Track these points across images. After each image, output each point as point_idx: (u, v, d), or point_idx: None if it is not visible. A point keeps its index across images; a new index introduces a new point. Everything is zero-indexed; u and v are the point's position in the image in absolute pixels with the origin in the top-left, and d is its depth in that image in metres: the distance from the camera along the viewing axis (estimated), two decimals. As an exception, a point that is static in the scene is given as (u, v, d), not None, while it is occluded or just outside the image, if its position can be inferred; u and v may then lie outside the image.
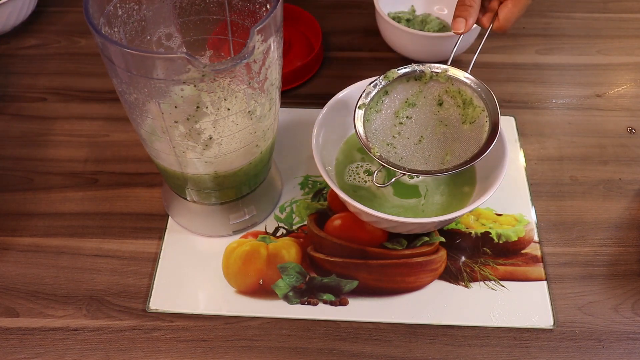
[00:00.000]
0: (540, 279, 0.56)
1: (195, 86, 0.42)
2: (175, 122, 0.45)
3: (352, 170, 0.60)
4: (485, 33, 0.57)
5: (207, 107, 0.45)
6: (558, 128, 0.69)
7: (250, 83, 0.45)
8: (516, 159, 0.65)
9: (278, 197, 0.61)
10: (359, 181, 0.59)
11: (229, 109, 0.46)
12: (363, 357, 0.51)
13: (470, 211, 0.54)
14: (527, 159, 0.65)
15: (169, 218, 0.60)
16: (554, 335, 0.52)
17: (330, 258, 0.57)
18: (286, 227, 0.59)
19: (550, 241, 0.59)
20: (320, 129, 0.57)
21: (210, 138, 0.46)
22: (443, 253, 0.57)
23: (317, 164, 0.54)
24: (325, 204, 0.61)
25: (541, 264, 0.57)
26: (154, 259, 0.57)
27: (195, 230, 0.59)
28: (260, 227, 0.59)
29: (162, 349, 0.52)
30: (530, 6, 0.56)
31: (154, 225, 0.60)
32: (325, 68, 0.75)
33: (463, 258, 0.57)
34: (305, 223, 0.60)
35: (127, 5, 0.46)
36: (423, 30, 0.73)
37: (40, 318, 0.53)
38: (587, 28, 0.80)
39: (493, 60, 0.59)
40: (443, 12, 0.78)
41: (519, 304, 0.54)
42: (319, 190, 0.62)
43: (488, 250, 0.58)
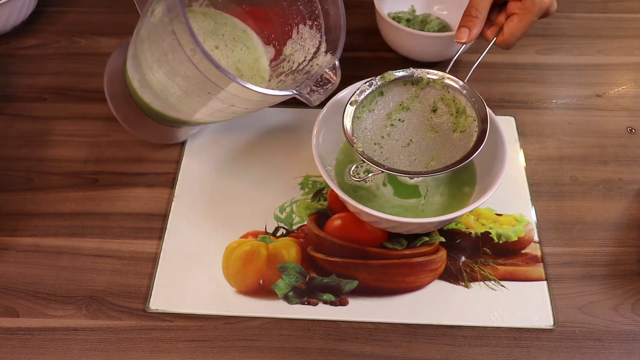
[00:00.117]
0: (540, 279, 0.56)
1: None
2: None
3: (352, 170, 0.60)
4: (487, 45, 0.58)
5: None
6: (558, 128, 0.69)
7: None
8: (516, 159, 0.65)
9: None
10: (359, 180, 0.59)
11: None
12: (363, 357, 0.51)
13: (470, 211, 0.54)
14: (527, 159, 0.65)
15: (169, 218, 0.60)
16: (554, 335, 0.52)
17: (330, 258, 0.57)
18: (286, 227, 0.59)
19: (550, 241, 0.59)
20: (320, 129, 0.57)
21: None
22: (443, 253, 0.57)
23: (317, 164, 0.54)
24: (325, 204, 0.61)
25: (541, 264, 0.57)
26: (154, 259, 0.57)
27: (150, 139, 0.64)
28: (260, 227, 0.59)
29: (162, 349, 0.52)
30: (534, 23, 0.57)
31: (154, 225, 0.60)
32: (325, 68, 0.75)
33: (463, 258, 0.57)
34: (305, 223, 0.60)
35: None
36: (423, 30, 0.73)
37: (40, 318, 0.53)
38: (587, 28, 0.80)
39: (493, 60, 0.59)
40: (443, 12, 0.78)
41: (519, 304, 0.54)
42: (319, 190, 0.62)
43: (488, 250, 0.58)
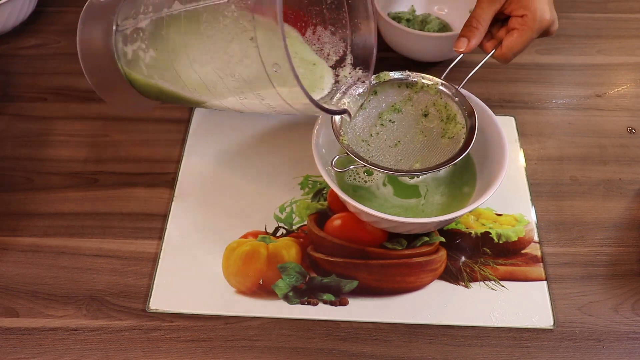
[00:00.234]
0: (540, 279, 0.56)
1: None
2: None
3: (352, 170, 0.60)
4: (485, 57, 0.59)
5: None
6: (558, 128, 0.69)
7: None
8: (516, 159, 0.65)
9: None
10: (359, 181, 0.59)
11: None
12: (363, 357, 0.51)
13: (470, 211, 0.54)
14: (527, 159, 0.65)
15: (169, 218, 0.60)
16: (554, 335, 0.52)
17: (330, 258, 0.57)
18: (286, 227, 0.59)
19: (550, 241, 0.59)
20: (320, 129, 0.57)
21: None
22: (443, 253, 0.57)
23: (317, 164, 0.54)
24: (325, 204, 0.61)
25: (541, 264, 0.57)
26: (154, 259, 0.57)
27: (122, 110, 0.63)
28: (260, 227, 0.59)
29: (162, 349, 0.52)
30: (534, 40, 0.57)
31: (154, 225, 0.60)
32: (325, 68, 0.75)
33: (463, 258, 0.57)
34: (305, 223, 0.60)
35: None
36: (423, 30, 0.73)
37: (40, 318, 0.53)
38: (587, 28, 0.80)
39: (493, 60, 0.59)
40: (443, 12, 0.78)
41: (519, 304, 0.54)
42: (319, 190, 0.62)
43: (488, 250, 0.58)
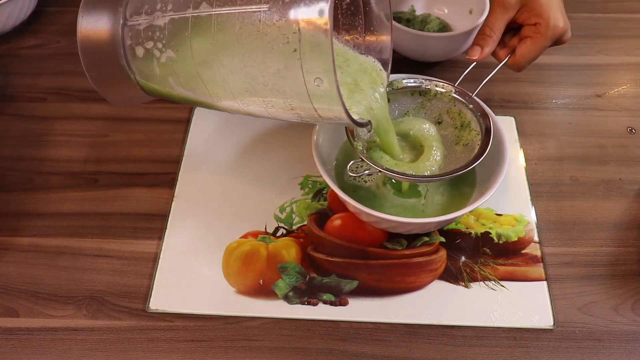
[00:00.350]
0: (540, 279, 0.56)
1: None
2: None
3: (352, 170, 0.60)
4: (498, 65, 0.59)
5: None
6: (558, 128, 0.69)
7: None
8: (516, 159, 0.65)
9: None
10: (359, 181, 0.59)
11: None
12: (363, 357, 0.51)
13: (470, 211, 0.54)
14: (527, 159, 0.65)
15: (169, 218, 0.60)
16: (554, 335, 0.52)
17: (330, 258, 0.57)
18: (286, 227, 0.59)
19: (550, 241, 0.59)
20: (320, 129, 0.57)
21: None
22: (443, 253, 0.57)
23: (317, 164, 0.54)
24: (325, 204, 0.61)
25: (541, 264, 0.57)
26: (154, 259, 0.57)
27: (118, 102, 0.59)
28: (260, 227, 0.59)
29: (162, 349, 0.52)
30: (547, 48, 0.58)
31: (154, 225, 0.60)
32: (325, 68, 0.75)
33: (463, 258, 0.57)
34: (305, 223, 0.60)
35: None
36: (423, 30, 0.73)
37: (40, 318, 0.53)
38: (587, 28, 0.80)
39: (493, 60, 0.60)
40: (443, 12, 0.78)
41: (519, 304, 0.54)
42: (319, 190, 0.62)
43: (488, 250, 0.58)
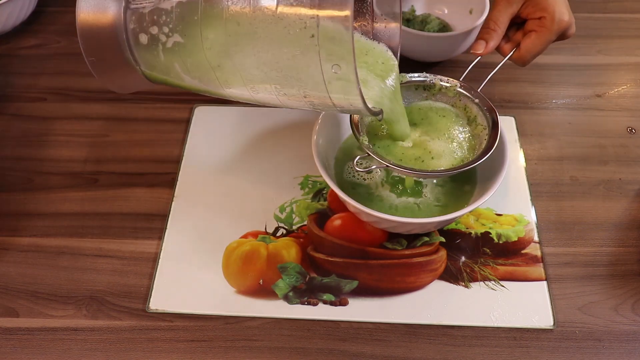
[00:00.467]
0: (540, 279, 0.56)
1: None
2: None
3: (351, 167, 0.60)
4: (500, 62, 0.59)
5: None
6: (558, 128, 0.69)
7: None
8: (516, 159, 0.65)
9: None
10: (358, 178, 0.59)
11: None
12: (363, 357, 0.51)
13: (470, 211, 0.54)
14: (527, 159, 0.65)
15: (169, 218, 0.60)
16: (554, 335, 0.52)
17: (330, 258, 0.57)
18: (286, 227, 0.59)
19: (550, 241, 0.59)
20: (320, 129, 0.57)
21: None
22: (443, 253, 0.57)
23: (317, 164, 0.54)
24: (325, 204, 0.61)
25: (541, 264, 0.57)
26: (154, 259, 0.57)
27: (117, 88, 0.55)
28: (260, 227, 0.59)
29: (162, 349, 0.52)
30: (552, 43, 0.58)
31: (154, 225, 0.60)
32: (325, 68, 0.75)
33: (463, 258, 0.57)
34: (305, 223, 0.60)
35: None
36: (423, 30, 0.73)
37: (40, 318, 0.53)
38: (587, 28, 0.80)
39: (493, 60, 0.59)
40: (443, 12, 0.78)
41: (519, 304, 0.54)
42: (319, 190, 0.62)
43: (488, 250, 0.58)
